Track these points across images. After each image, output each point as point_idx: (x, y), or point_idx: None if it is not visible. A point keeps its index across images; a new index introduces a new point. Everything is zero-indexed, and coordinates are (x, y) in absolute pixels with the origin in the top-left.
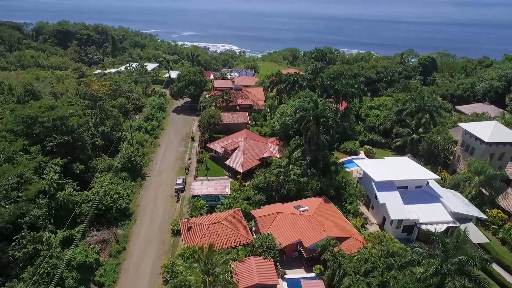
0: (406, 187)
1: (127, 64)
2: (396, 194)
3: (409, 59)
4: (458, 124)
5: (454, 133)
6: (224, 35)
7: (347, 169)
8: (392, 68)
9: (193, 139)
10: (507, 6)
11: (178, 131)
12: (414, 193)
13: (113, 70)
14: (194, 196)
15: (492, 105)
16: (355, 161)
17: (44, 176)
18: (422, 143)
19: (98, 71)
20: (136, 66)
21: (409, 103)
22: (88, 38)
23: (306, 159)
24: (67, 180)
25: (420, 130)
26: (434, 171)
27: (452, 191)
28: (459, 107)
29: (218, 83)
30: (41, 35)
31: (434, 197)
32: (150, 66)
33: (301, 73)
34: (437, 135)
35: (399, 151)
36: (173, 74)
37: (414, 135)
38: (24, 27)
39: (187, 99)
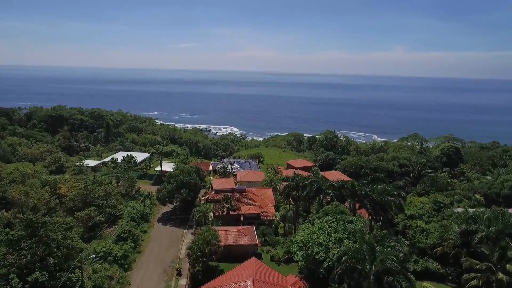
0: None
1: (114, 154)
2: None
3: (427, 144)
4: None
5: None
6: (225, 118)
7: None
8: (418, 161)
9: (179, 273)
10: (489, 92)
11: (160, 256)
12: None
13: (96, 162)
14: None
15: None
16: None
17: None
18: None
19: (78, 163)
20: (124, 158)
21: (478, 220)
22: (81, 123)
23: None
24: None
25: (509, 266)
26: None
27: None
28: None
29: (217, 183)
30: (32, 120)
31: None
32: (141, 156)
33: (313, 164)
34: None
35: None
36: (166, 166)
37: (499, 274)
38: (18, 112)
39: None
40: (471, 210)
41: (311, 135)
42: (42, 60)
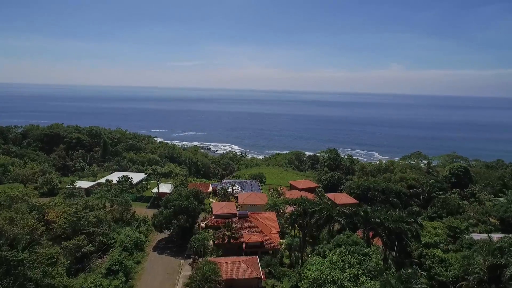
0: None
1: (110, 175)
2: None
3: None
4: None
5: None
6: (225, 135)
7: None
8: (428, 182)
9: None
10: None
11: None
12: None
13: (91, 183)
14: None
15: None
16: None
17: None
18: None
19: (70, 185)
20: (119, 179)
21: (506, 252)
22: (77, 141)
23: None
24: None
25: None
26: None
27: None
28: None
29: (217, 208)
30: (27, 138)
31: None
32: (138, 177)
33: (317, 185)
34: None
35: None
36: (164, 187)
37: None
38: (15, 130)
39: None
40: (494, 237)
41: (312, 153)
42: (43, 78)
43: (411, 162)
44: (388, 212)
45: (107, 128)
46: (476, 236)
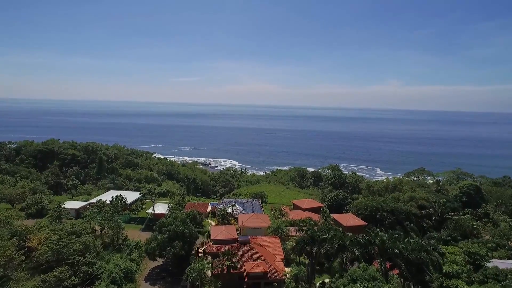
0: None
1: (103, 194)
2: None
3: (435, 179)
4: None
5: None
6: (225, 151)
7: None
8: (439, 202)
9: None
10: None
11: None
12: None
13: (82, 204)
14: None
15: None
16: None
17: None
18: None
19: (57, 206)
20: (113, 199)
21: None
22: (72, 158)
23: None
24: None
25: None
26: None
27: None
28: None
29: (216, 232)
30: (20, 155)
31: None
32: (132, 196)
33: (321, 205)
34: None
35: None
36: (160, 208)
37: None
38: (9, 146)
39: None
40: None
41: (314, 169)
42: (45, 94)
43: (415, 178)
44: (406, 240)
45: (104, 144)
46: (500, 264)
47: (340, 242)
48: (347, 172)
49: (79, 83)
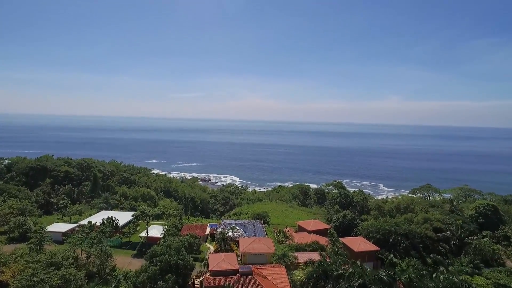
0: None
1: (93, 216)
2: None
3: (441, 196)
4: None
5: None
6: (225, 166)
7: None
8: (456, 223)
9: None
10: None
11: None
12: None
13: (70, 226)
14: None
15: None
16: None
17: None
18: None
19: (39, 230)
20: (103, 221)
21: None
22: (65, 175)
23: None
24: None
25: None
26: None
27: None
28: None
29: (215, 262)
30: (10, 172)
31: None
32: (125, 218)
33: (328, 226)
34: None
35: None
36: (155, 230)
37: None
38: (1, 162)
39: None
40: None
41: (316, 186)
42: (46, 109)
43: (421, 195)
44: (435, 275)
45: (101, 160)
46: None
47: (360, 280)
48: (351, 189)
49: (82, 98)
